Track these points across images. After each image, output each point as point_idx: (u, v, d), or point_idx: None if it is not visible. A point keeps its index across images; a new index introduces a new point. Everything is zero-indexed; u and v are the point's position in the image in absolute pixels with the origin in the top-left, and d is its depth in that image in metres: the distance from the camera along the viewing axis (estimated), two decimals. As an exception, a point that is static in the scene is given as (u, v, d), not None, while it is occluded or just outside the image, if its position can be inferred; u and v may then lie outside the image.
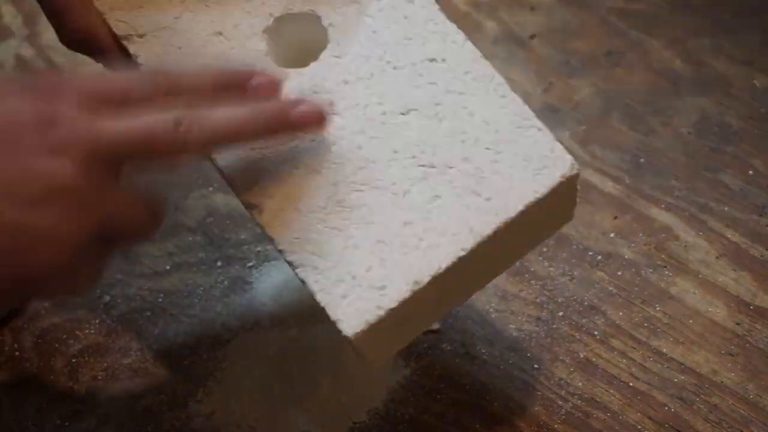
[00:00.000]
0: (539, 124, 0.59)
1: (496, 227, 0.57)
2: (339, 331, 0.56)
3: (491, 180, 0.58)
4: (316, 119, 0.57)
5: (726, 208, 0.76)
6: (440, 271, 0.56)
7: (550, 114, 0.59)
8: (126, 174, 0.54)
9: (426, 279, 0.56)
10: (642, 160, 0.78)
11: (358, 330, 0.55)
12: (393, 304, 0.56)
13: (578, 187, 0.60)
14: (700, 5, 0.86)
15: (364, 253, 0.57)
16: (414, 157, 0.58)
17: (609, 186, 0.77)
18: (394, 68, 0.60)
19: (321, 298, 0.56)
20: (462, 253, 0.56)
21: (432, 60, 0.60)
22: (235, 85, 0.57)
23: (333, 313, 0.56)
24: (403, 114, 0.59)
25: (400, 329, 0.58)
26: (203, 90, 0.56)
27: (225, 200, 0.76)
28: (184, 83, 0.56)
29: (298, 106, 0.57)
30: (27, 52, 0.86)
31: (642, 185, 0.77)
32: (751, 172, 0.77)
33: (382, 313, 0.56)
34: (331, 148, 0.59)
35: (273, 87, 0.57)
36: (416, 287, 0.56)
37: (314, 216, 0.58)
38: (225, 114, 0.55)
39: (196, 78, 0.56)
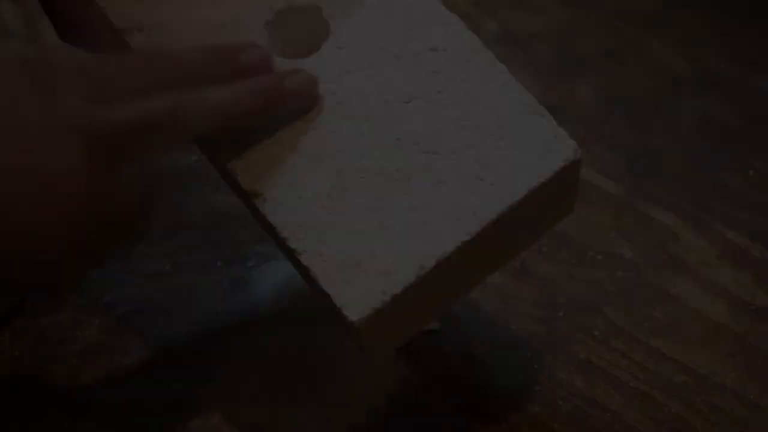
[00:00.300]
0: (542, 110, 0.59)
1: (500, 211, 0.57)
2: (342, 322, 0.55)
3: (495, 165, 0.57)
4: (309, 89, 0.58)
5: (726, 208, 0.76)
6: (445, 255, 0.56)
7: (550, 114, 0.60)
8: (126, 171, 0.54)
9: (431, 264, 0.56)
10: (642, 160, 0.78)
11: (363, 316, 0.55)
12: (398, 290, 0.55)
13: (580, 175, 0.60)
14: (700, 5, 0.86)
15: (368, 240, 0.56)
16: (417, 143, 0.58)
17: (609, 186, 0.77)
18: (396, 58, 0.60)
19: (325, 284, 0.56)
20: (467, 238, 0.56)
21: (433, 49, 0.60)
22: (225, 60, 0.57)
23: (337, 299, 0.55)
24: (405, 102, 0.59)
25: (403, 319, 0.58)
26: (195, 68, 0.56)
27: (225, 200, 0.76)
28: (176, 63, 0.56)
29: (291, 78, 0.58)
30: (27, 52, 0.86)
31: (642, 185, 0.77)
32: (751, 172, 0.77)
33: (387, 298, 0.55)
34: (334, 136, 0.59)
35: (264, 64, 0.58)
36: (421, 272, 0.56)
37: (318, 203, 0.57)
38: (221, 93, 0.55)
39: (187, 56, 0.56)
